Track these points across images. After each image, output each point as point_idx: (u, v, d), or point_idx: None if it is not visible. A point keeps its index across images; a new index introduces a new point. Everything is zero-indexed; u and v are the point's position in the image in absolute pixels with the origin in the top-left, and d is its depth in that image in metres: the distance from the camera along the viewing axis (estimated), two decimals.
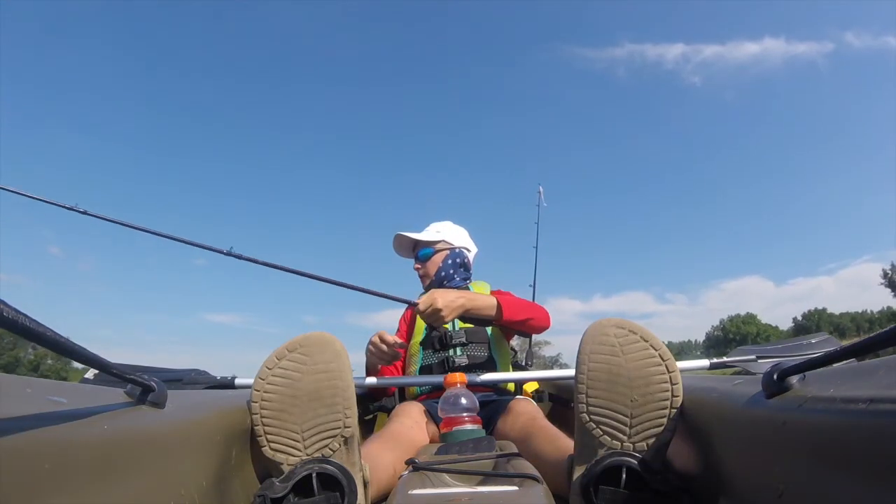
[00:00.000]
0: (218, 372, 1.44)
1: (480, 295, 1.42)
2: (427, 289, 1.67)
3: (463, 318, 1.38)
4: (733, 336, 59.52)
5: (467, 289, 1.63)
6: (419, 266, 1.70)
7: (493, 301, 1.39)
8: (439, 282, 1.65)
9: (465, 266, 1.69)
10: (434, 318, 1.31)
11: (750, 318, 62.26)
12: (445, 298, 1.32)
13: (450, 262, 1.67)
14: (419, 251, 1.70)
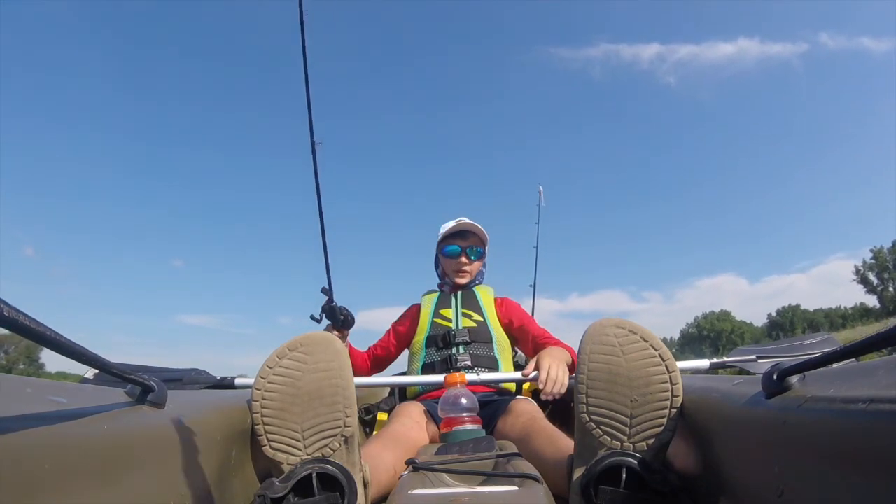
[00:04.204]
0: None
1: (565, 353, 1.38)
2: (462, 287, 1.64)
3: None
4: (708, 333, 59.24)
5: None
6: (468, 262, 1.65)
7: (569, 357, 1.36)
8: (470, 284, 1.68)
9: (482, 274, 1.75)
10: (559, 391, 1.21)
11: (724, 316, 61.73)
12: (562, 370, 1.23)
13: (483, 269, 1.72)
14: (469, 247, 1.64)
